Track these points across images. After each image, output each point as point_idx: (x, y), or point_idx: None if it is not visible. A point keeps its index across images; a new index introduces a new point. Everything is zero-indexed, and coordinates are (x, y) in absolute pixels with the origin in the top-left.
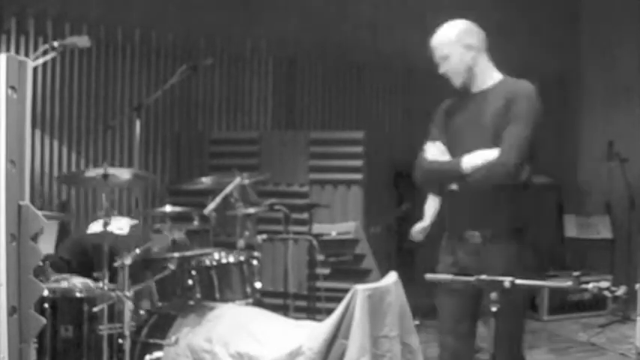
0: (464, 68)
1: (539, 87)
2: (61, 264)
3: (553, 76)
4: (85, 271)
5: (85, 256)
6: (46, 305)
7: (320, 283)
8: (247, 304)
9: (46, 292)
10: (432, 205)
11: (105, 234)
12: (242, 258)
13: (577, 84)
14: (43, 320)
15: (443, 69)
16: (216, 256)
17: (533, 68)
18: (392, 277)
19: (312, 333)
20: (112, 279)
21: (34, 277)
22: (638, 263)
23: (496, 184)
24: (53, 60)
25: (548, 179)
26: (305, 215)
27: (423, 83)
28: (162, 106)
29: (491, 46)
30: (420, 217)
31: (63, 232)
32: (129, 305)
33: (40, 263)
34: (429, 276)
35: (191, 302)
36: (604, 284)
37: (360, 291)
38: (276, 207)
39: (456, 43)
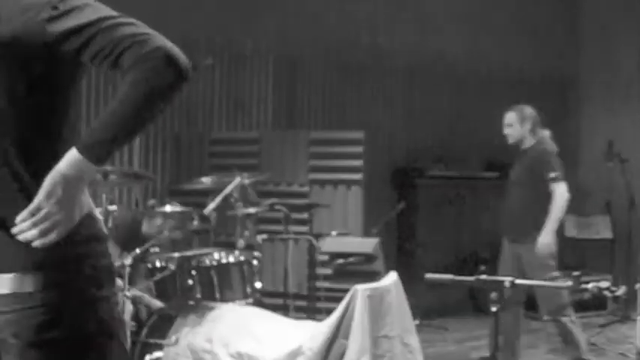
0: None
1: (539, 87)
2: None
3: (553, 76)
4: None
5: None
6: None
7: (320, 283)
8: (247, 304)
9: None
10: None
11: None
12: (242, 258)
13: (577, 84)
14: None
15: None
16: (216, 256)
17: (533, 68)
18: (392, 277)
19: (312, 333)
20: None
21: None
22: (638, 263)
23: None
24: None
25: None
26: (305, 215)
27: (422, 83)
28: None
29: (493, 46)
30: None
31: None
32: (129, 305)
33: None
34: (428, 276)
35: (191, 302)
36: (604, 284)
37: (360, 291)
38: (276, 207)
39: None
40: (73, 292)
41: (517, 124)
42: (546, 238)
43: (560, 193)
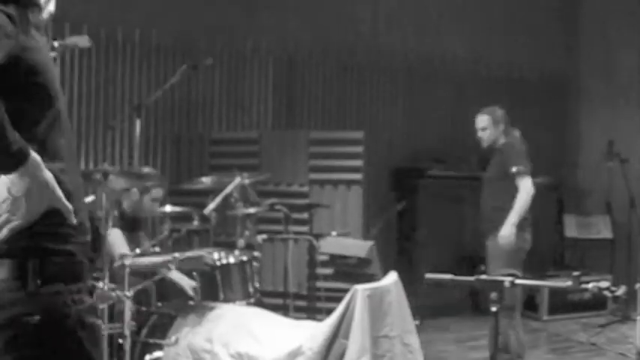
0: None
1: (539, 87)
2: None
3: (553, 77)
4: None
5: None
6: None
7: (320, 283)
8: (248, 304)
9: None
10: None
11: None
12: (242, 258)
13: (577, 84)
14: None
15: None
16: (216, 256)
17: (533, 68)
18: (392, 277)
19: (312, 333)
20: None
21: None
22: (638, 263)
23: None
24: (53, 60)
25: (548, 179)
26: (305, 215)
27: (422, 83)
28: (162, 106)
29: (493, 46)
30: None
31: None
32: (129, 305)
33: None
34: (428, 276)
35: (191, 302)
36: (604, 284)
37: (360, 291)
38: (277, 207)
39: None
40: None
41: (491, 127)
42: (506, 231)
43: (525, 187)
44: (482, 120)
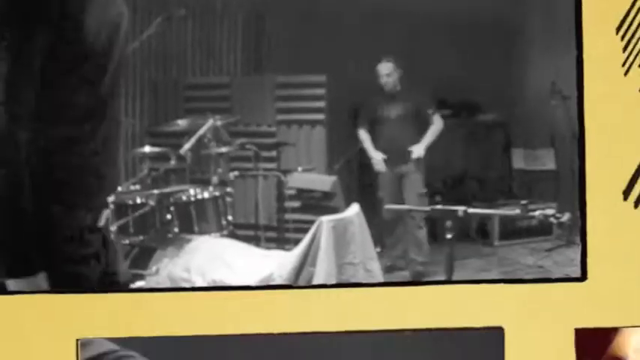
0: None
1: (488, 32)
2: None
3: (498, 20)
4: None
5: None
6: None
7: (288, 216)
8: (222, 236)
9: None
10: None
11: None
12: (216, 193)
13: (522, 29)
14: None
15: None
16: (192, 192)
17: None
18: (354, 208)
19: (281, 262)
20: None
21: None
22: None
23: None
24: None
25: (496, 116)
26: (273, 153)
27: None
28: (140, 56)
29: None
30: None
31: None
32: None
33: None
34: (387, 207)
35: (170, 235)
36: (549, 211)
37: (325, 222)
38: (247, 146)
39: None
40: None
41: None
42: None
43: None
44: (387, 67)
